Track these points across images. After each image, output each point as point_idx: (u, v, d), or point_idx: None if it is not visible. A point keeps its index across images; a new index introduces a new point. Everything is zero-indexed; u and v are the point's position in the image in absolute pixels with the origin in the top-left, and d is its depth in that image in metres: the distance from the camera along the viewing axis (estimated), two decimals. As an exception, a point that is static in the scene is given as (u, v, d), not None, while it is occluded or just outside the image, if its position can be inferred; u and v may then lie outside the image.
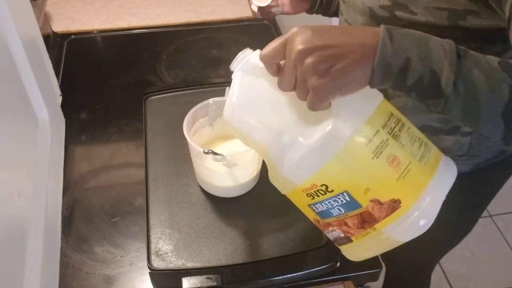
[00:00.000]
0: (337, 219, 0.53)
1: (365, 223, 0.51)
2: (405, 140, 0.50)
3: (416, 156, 0.50)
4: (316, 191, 0.51)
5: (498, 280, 1.64)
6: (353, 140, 0.48)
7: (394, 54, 0.45)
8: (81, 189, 0.82)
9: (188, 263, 0.69)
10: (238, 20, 1.28)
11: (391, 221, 0.50)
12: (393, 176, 0.49)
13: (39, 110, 0.78)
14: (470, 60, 0.46)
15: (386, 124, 0.49)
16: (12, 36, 0.70)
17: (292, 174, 0.53)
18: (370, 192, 0.49)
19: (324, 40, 0.45)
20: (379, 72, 0.45)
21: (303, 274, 0.69)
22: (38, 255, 0.63)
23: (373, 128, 0.48)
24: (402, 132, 0.50)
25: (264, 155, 0.56)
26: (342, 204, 0.51)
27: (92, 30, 1.22)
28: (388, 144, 0.49)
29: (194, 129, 0.77)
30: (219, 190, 0.77)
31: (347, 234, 0.54)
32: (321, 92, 0.46)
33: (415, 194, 0.49)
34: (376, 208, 0.50)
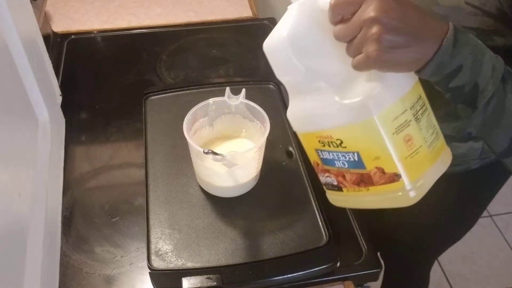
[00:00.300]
0: (337, 170, 0.56)
1: (362, 182, 0.55)
2: (423, 124, 0.53)
3: (427, 141, 0.54)
4: (330, 142, 0.54)
5: (498, 280, 1.64)
6: (383, 113, 0.50)
7: (451, 58, 0.48)
8: (81, 189, 0.82)
9: (188, 263, 0.69)
10: (238, 20, 1.28)
11: (385, 188, 0.54)
12: (404, 154, 0.52)
13: (39, 110, 0.78)
14: (510, 85, 0.50)
15: (414, 105, 0.52)
16: (12, 36, 0.70)
17: (314, 122, 0.55)
18: (378, 161, 0.52)
19: (401, 18, 0.46)
20: (431, 68, 0.48)
21: (303, 274, 0.69)
22: (38, 255, 0.63)
23: (403, 107, 0.51)
24: (424, 117, 0.53)
25: (290, 89, 0.58)
26: (348, 161, 0.54)
27: (92, 30, 1.22)
28: (409, 125, 0.52)
29: (194, 129, 0.77)
30: (219, 190, 0.77)
31: (340, 184, 0.58)
32: (373, 61, 0.47)
33: (415, 174, 0.53)
34: (377, 175, 0.53)
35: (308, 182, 0.80)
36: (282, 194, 0.79)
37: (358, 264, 0.72)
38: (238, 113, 0.79)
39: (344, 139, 0.53)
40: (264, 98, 0.94)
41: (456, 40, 0.48)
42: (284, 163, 0.83)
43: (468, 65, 0.49)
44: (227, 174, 0.73)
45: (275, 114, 0.91)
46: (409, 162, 0.52)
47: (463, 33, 0.49)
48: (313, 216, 0.75)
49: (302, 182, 0.80)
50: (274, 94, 0.97)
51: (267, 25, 1.25)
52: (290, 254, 0.70)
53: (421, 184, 0.54)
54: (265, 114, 0.74)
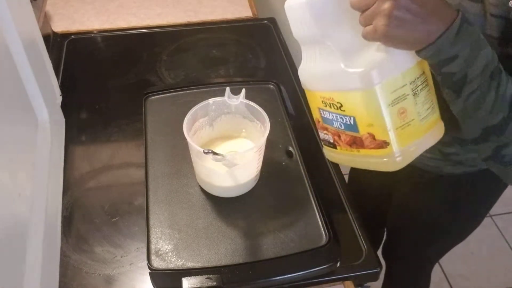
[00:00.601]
0: (334, 129, 0.61)
1: (354, 144, 0.60)
2: (420, 100, 0.57)
3: (421, 115, 0.57)
4: (331, 103, 0.59)
5: (498, 280, 1.64)
6: (384, 84, 0.54)
7: (451, 45, 0.51)
8: (81, 189, 0.82)
9: (188, 263, 0.68)
10: (238, 20, 1.28)
11: (374, 153, 0.59)
12: (396, 125, 0.56)
13: (39, 110, 0.78)
14: (496, 81, 0.53)
15: (414, 81, 0.56)
16: (12, 36, 0.70)
17: (320, 82, 0.60)
18: (371, 127, 0.57)
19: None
20: (431, 51, 0.51)
21: (303, 274, 0.69)
22: (38, 255, 0.63)
23: (403, 81, 0.55)
24: (422, 92, 0.57)
25: (304, 48, 0.62)
26: (344, 123, 0.59)
27: (92, 30, 1.22)
28: (406, 99, 0.56)
29: (194, 129, 0.77)
30: (219, 190, 0.77)
31: (335, 142, 0.63)
32: (379, 34, 0.51)
33: (403, 143, 0.57)
34: (368, 140, 0.58)
35: (308, 182, 0.80)
36: (282, 194, 0.79)
37: (358, 264, 0.72)
38: (238, 113, 0.79)
39: (344, 103, 0.57)
40: (264, 98, 0.94)
41: (460, 30, 0.51)
42: (284, 163, 0.83)
43: (464, 56, 0.52)
44: (227, 174, 0.73)
45: (275, 114, 0.91)
46: (399, 133, 0.56)
47: (468, 25, 0.51)
48: (313, 216, 0.75)
49: (302, 182, 0.80)
50: (274, 94, 0.97)
51: (267, 25, 1.25)
52: (290, 254, 0.70)
53: (407, 152, 0.58)
54: (265, 114, 0.74)
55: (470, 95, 0.54)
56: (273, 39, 1.20)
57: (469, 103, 0.55)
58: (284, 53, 1.15)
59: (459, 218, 0.90)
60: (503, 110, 0.54)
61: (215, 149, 0.72)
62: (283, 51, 1.16)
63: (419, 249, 1.01)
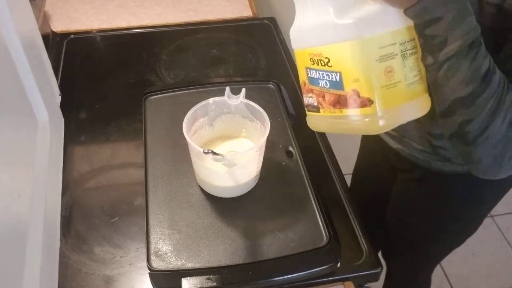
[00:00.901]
0: (319, 89, 0.61)
1: (338, 104, 0.60)
2: (409, 64, 0.57)
3: (408, 80, 0.58)
4: (319, 60, 0.59)
5: (499, 281, 1.64)
6: (372, 38, 0.55)
7: (435, 6, 0.52)
8: (81, 189, 0.82)
9: (188, 263, 0.68)
10: (238, 20, 1.28)
11: (357, 112, 0.58)
12: (381, 83, 0.56)
13: (38, 110, 0.78)
14: (474, 52, 0.54)
15: (404, 43, 0.57)
16: (11, 35, 0.70)
17: (310, 38, 0.60)
18: (356, 83, 0.57)
19: None
20: (417, 9, 0.53)
21: (303, 275, 0.68)
22: (37, 255, 0.63)
23: (393, 39, 0.56)
24: (411, 57, 0.58)
25: (297, 4, 0.63)
26: (330, 80, 0.59)
27: (91, 29, 1.22)
28: (394, 58, 0.56)
29: (194, 129, 0.77)
30: (219, 190, 0.77)
31: (319, 105, 0.63)
32: None
33: (387, 105, 0.57)
34: (352, 97, 0.58)
35: (308, 182, 0.80)
36: (282, 194, 0.79)
37: (358, 265, 0.72)
38: (238, 113, 0.79)
39: (331, 58, 0.58)
40: (264, 98, 0.93)
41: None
42: (284, 163, 0.83)
43: (448, 19, 0.53)
44: (227, 174, 0.72)
45: (275, 114, 0.91)
46: (384, 92, 0.56)
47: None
48: (313, 216, 0.75)
49: (302, 182, 0.80)
50: (274, 94, 0.97)
51: (267, 25, 1.25)
52: (290, 255, 0.70)
53: (390, 116, 0.58)
54: (265, 114, 0.74)
55: (446, 60, 0.55)
56: (273, 39, 1.20)
57: (444, 70, 0.55)
58: (284, 53, 1.15)
59: (451, 220, 0.90)
60: (474, 82, 0.55)
61: (215, 149, 0.72)
62: (283, 51, 1.16)
63: (416, 250, 1.01)
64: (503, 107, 0.56)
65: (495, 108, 0.56)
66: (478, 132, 0.57)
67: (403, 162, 0.88)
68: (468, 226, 0.93)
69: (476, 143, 0.58)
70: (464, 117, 0.58)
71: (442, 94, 0.58)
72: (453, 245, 0.99)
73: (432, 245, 0.98)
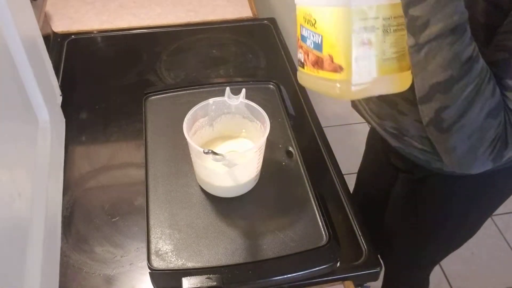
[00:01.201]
0: (306, 47, 0.64)
1: (316, 64, 0.62)
2: (389, 40, 0.58)
3: (385, 55, 0.59)
4: (309, 20, 0.62)
5: (498, 281, 1.64)
6: (356, 8, 0.56)
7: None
8: (81, 189, 0.82)
9: (188, 263, 0.69)
10: (238, 20, 1.28)
11: (329, 76, 0.60)
12: (356, 54, 0.57)
13: (39, 110, 0.78)
14: (456, 37, 0.54)
15: (389, 19, 0.58)
16: (12, 36, 0.70)
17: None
18: (332, 49, 0.59)
19: None
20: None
21: (303, 274, 0.69)
22: (38, 255, 0.63)
23: (377, 13, 0.57)
24: (394, 34, 0.58)
25: None
26: (313, 41, 0.62)
27: (92, 30, 1.22)
28: (374, 31, 0.57)
29: (194, 129, 0.77)
30: (219, 190, 0.77)
31: (304, 61, 0.66)
32: None
33: (357, 75, 0.58)
34: (327, 62, 0.60)
35: (308, 182, 0.80)
36: (282, 194, 0.79)
37: (358, 264, 0.72)
38: (238, 113, 0.79)
39: (317, 20, 0.60)
40: (264, 98, 0.94)
41: None
42: (284, 163, 0.83)
43: (431, 1, 0.53)
44: (227, 174, 0.73)
45: (275, 114, 0.91)
46: (357, 62, 0.58)
47: None
48: (313, 216, 0.75)
49: (302, 182, 0.80)
50: (274, 94, 0.97)
51: (267, 25, 1.26)
52: (290, 254, 0.70)
53: (360, 85, 0.59)
54: (265, 114, 0.74)
55: (426, 43, 0.55)
56: (273, 39, 1.20)
57: (424, 52, 0.55)
58: (284, 53, 1.15)
59: (451, 221, 0.90)
60: (453, 68, 0.55)
61: (215, 149, 0.72)
62: (283, 51, 1.16)
63: (415, 250, 1.01)
64: (482, 97, 0.55)
65: (473, 97, 0.55)
66: (454, 119, 0.57)
67: (404, 162, 0.88)
68: (468, 228, 0.93)
69: (451, 131, 0.58)
70: (441, 104, 0.57)
71: (422, 78, 0.58)
72: (452, 246, 0.99)
73: (431, 246, 0.98)
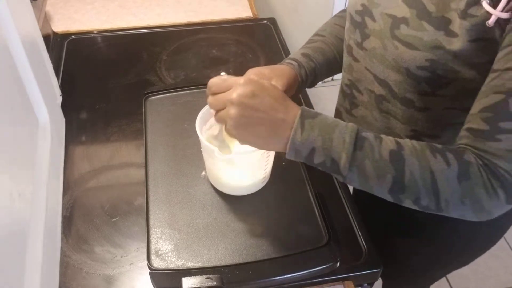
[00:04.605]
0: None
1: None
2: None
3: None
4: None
5: (498, 280, 1.64)
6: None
7: (302, 144, 0.57)
8: (81, 189, 0.82)
9: (188, 263, 0.69)
10: (238, 20, 1.28)
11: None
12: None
13: (39, 110, 0.78)
14: (364, 152, 0.56)
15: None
16: (12, 36, 0.70)
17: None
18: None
19: (254, 102, 0.56)
20: (291, 154, 0.58)
21: (303, 274, 0.69)
22: (38, 255, 0.63)
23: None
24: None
25: None
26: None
27: (92, 30, 1.22)
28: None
29: (209, 124, 0.76)
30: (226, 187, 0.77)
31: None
32: (229, 132, 0.59)
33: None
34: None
35: (308, 182, 0.80)
36: (282, 194, 0.79)
37: (358, 264, 0.72)
38: None
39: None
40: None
41: (303, 126, 0.56)
42: (284, 163, 0.83)
43: (320, 146, 0.57)
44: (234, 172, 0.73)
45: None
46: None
47: (310, 118, 0.57)
48: (313, 216, 0.75)
49: (302, 182, 0.80)
50: (274, 94, 0.97)
51: (267, 25, 1.25)
52: (290, 254, 0.70)
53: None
54: None
55: (349, 171, 0.57)
56: (273, 39, 1.20)
57: (356, 178, 0.57)
58: (284, 53, 1.15)
59: (470, 246, 0.87)
60: (387, 170, 0.56)
61: (225, 146, 0.72)
62: (283, 51, 1.16)
63: (418, 266, 0.98)
64: (440, 173, 0.55)
65: (430, 178, 0.55)
66: (435, 202, 0.56)
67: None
68: (478, 245, 0.89)
69: (442, 210, 0.57)
70: (411, 198, 0.57)
71: (377, 192, 0.59)
72: (460, 264, 0.95)
73: (441, 267, 0.95)
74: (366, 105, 0.75)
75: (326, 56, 0.80)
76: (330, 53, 0.81)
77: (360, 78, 0.74)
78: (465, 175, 0.55)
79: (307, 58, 0.79)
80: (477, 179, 0.55)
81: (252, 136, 0.58)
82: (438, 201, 0.56)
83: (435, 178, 0.55)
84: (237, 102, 0.56)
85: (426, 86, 0.64)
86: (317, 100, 1.86)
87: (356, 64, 0.73)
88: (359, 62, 0.72)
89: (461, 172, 0.55)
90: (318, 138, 0.56)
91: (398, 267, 0.99)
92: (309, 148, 0.57)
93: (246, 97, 0.56)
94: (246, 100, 0.56)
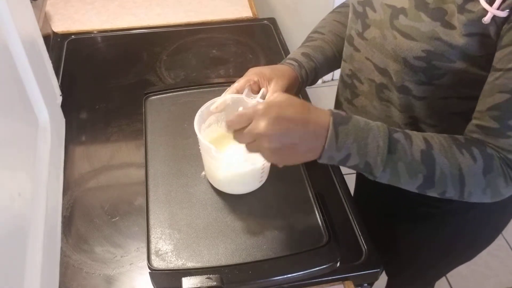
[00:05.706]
0: None
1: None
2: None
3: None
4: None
5: (498, 280, 1.64)
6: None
7: (337, 151, 0.58)
8: (81, 189, 0.82)
9: (188, 263, 0.69)
10: (238, 20, 1.28)
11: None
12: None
13: (39, 110, 0.78)
14: (398, 154, 0.58)
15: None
16: (12, 36, 0.70)
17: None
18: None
19: (281, 127, 0.56)
20: (325, 159, 0.59)
21: (303, 274, 0.69)
22: (38, 255, 0.63)
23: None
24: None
25: None
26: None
27: (92, 30, 1.22)
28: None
29: (208, 122, 0.76)
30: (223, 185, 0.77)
31: None
32: (270, 159, 0.60)
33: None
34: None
35: (308, 182, 0.80)
36: (282, 194, 0.79)
37: (358, 264, 0.72)
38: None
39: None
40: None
41: (337, 135, 0.57)
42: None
43: (355, 152, 0.58)
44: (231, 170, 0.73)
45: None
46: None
47: (344, 125, 0.58)
48: (313, 216, 0.75)
49: (302, 182, 0.80)
50: (274, 94, 0.97)
51: (267, 25, 1.25)
52: (290, 254, 0.70)
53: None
54: None
55: (382, 173, 0.59)
56: (273, 39, 1.20)
57: (387, 177, 0.60)
58: (284, 53, 1.15)
59: (469, 243, 0.88)
60: (419, 170, 0.59)
61: (226, 146, 0.72)
62: (283, 51, 1.16)
63: (421, 264, 0.98)
64: (467, 169, 0.58)
65: (458, 173, 0.58)
66: (459, 194, 0.60)
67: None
68: (481, 242, 0.91)
69: (464, 198, 0.61)
70: (437, 192, 0.61)
71: (404, 187, 0.61)
72: (464, 260, 0.96)
73: (442, 265, 0.96)
74: (367, 95, 0.76)
75: (326, 55, 0.81)
76: (330, 52, 0.81)
77: (361, 68, 0.74)
78: (489, 168, 0.58)
79: (307, 58, 0.79)
80: (498, 170, 0.59)
81: (290, 159, 0.59)
82: (462, 193, 0.60)
83: (463, 174, 0.58)
84: (265, 134, 0.56)
85: (423, 76, 0.65)
86: (317, 100, 1.86)
87: (357, 54, 0.74)
88: (359, 52, 0.73)
89: (486, 167, 0.59)
90: (353, 145, 0.58)
91: (403, 264, 0.99)
92: (344, 154, 0.58)
93: (273, 126, 0.56)
94: (273, 128, 0.56)
